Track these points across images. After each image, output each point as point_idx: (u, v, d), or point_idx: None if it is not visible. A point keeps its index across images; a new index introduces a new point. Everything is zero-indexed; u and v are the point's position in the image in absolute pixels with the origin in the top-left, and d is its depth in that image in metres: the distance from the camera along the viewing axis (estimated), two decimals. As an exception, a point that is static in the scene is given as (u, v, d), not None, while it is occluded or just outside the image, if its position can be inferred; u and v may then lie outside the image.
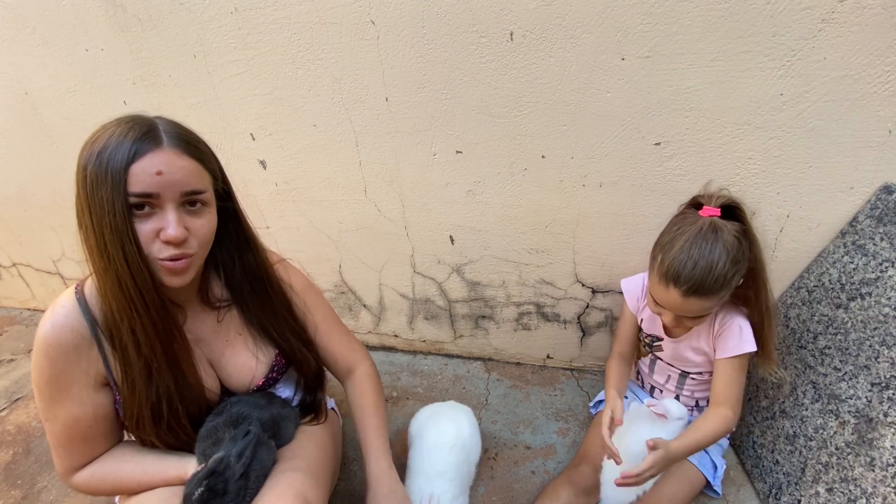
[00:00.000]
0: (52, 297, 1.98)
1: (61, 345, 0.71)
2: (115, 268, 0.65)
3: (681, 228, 0.86)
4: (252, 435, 0.75)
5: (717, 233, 0.83)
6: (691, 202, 0.93)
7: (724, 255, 0.82)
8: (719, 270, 0.82)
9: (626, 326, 1.12)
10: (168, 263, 0.67)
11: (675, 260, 0.83)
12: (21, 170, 1.62)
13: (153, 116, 0.70)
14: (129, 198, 0.63)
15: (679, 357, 1.04)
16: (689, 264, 0.82)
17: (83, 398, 0.74)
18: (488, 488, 1.14)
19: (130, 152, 0.63)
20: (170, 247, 0.66)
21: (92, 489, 0.78)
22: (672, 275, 0.84)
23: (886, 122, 0.89)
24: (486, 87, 1.06)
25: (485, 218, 1.26)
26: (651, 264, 0.91)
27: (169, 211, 0.66)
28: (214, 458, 0.71)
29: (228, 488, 0.70)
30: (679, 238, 0.85)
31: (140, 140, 0.64)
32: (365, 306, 1.59)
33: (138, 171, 0.63)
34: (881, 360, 0.85)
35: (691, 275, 0.82)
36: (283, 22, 1.10)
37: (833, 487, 0.88)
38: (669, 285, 0.84)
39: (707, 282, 0.82)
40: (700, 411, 1.10)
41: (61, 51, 1.30)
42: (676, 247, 0.84)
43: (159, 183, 0.64)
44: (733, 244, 0.83)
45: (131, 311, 0.68)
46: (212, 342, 0.84)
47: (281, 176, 1.35)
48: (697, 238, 0.83)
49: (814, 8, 0.82)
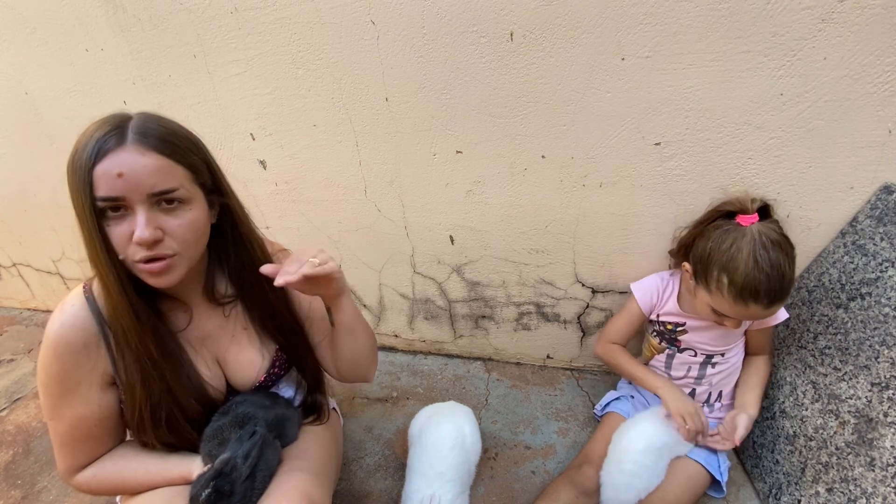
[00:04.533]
0: (53, 297, 2.00)
1: (70, 343, 0.71)
2: (98, 270, 0.66)
3: (735, 244, 0.87)
4: (258, 436, 0.76)
5: (770, 239, 0.86)
6: (720, 212, 0.94)
7: (785, 256, 0.85)
8: (789, 273, 0.85)
9: (628, 323, 1.13)
10: (144, 266, 0.66)
11: (749, 277, 0.84)
12: (21, 170, 1.62)
13: (135, 113, 0.68)
14: (96, 203, 0.61)
15: (710, 336, 1.03)
16: (762, 278, 0.84)
17: (90, 397, 0.74)
18: (488, 488, 1.14)
19: (92, 154, 0.61)
20: (143, 248, 0.64)
21: (94, 489, 0.78)
22: (751, 293, 0.85)
23: (886, 122, 0.89)
24: (486, 87, 1.06)
25: (485, 218, 1.26)
26: (709, 285, 0.91)
27: (139, 213, 0.63)
28: (221, 458, 0.71)
29: (235, 489, 0.70)
30: (738, 255, 0.86)
31: (102, 140, 0.62)
32: (365, 306, 1.59)
33: (101, 173, 0.61)
34: (881, 360, 0.85)
35: (769, 287, 0.84)
36: (283, 22, 1.10)
37: (833, 487, 0.88)
38: (749, 303, 0.86)
39: (784, 288, 0.85)
40: (710, 407, 1.10)
41: (61, 51, 1.30)
42: (741, 264, 0.85)
43: (123, 185, 0.62)
44: (785, 243, 0.87)
45: (118, 311, 0.68)
46: (218, 339, 0.84)
47: (281, 176, 1.35)
48: (757, 249, 0.85)
49: (814, 8, 0.82)
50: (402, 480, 1.07)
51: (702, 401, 1.10)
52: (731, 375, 1.08)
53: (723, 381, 1.08)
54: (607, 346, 1.16)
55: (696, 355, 1.06)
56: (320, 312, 0.94)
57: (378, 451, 1.26)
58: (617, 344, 1.15)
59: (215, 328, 0.83)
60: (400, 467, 1.20)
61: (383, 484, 1.16)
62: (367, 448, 1.27)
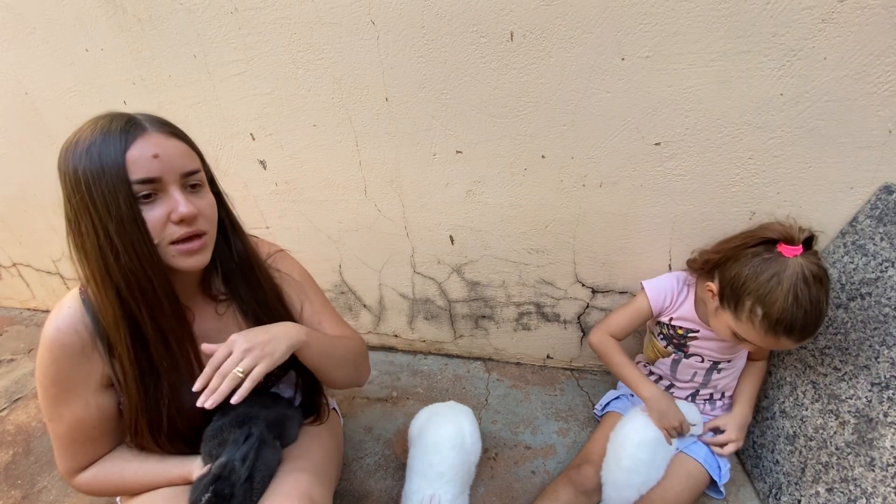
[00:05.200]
0: (52, 297, 2.00)
1: (66, 346, 0.71)
2: (124, 264, 0.64)
3: (776, 277, 0.83)
4: (254, 437, 0.75)
5: (812, 274, 0.82)
6: (762, 238, 0.89)
7: (824, 293, 0.83)
8: (825, 308, 0.83)
9: (633, 318, 1.09)
10: (184, 246, 0.67)
11: (786, 313, 0.81)
12: (21, 170, 1.62)
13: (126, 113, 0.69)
14: (132, 186, 0.62)
15: (721, 345, 1.02)
16: (799, 314, 0.81)
17: (87, 399, 0.74)
18: (488, 488, 1.14)
19: (122, 141, 0.62)
20: (183, 226, 0.66)
21: (95, 490, 0.78)
22: (785, 328, 0.82)
23: (886, 122, 0.89)
24: (486, 87, 1.06)
25: (485, 218, 1.26)
26: (739, 313, 0.87)
27: (174, 192, 0.66)
28: (218, 462, 0.71)
29: (235, 492, 0.70)
30: (777, 288, 0.82)
31: (126, 129, 0.64)
32: (365, 306, 1.59)
33: (135, 156, 0.62)
34: (881, 360, 0.85)
35: (805, 324, 0.82)
36: (283, 22, 1.10)
37: (833, 487, 0.89)
38: (780, 337, 0.84)
39: (819, 322, 0.83)
40: (712, 405, 1.10)
41: (61, 51, 1.30)
42: (780, 299, 0.82)
43: (159, 166, 0.64)
44: (825, 278, 0.84)
45: (139, 309, 0.67)
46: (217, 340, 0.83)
47: (281, 176, 1.35)
48: (798, 284, 0.81)
49: (814, 8, 0.82)
50: (402, 480, 1.07)
51: (704, 399, 1.09)
52: (734, 378, 1.08)
53: (728, 384, 1.08)
54: (604, 337, 1.11)
55: (702, 361, 1.05)
56: (313, 319, 0.94)
57: (378, 451, 1.26)
58: (614, 337, 1.11)
59: (213, 329, 0.83)
60: (400, 467, 1.20)
61: (383, 484, 1.17)
62: (367, 448, 1.27)
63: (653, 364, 1.15)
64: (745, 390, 1.07)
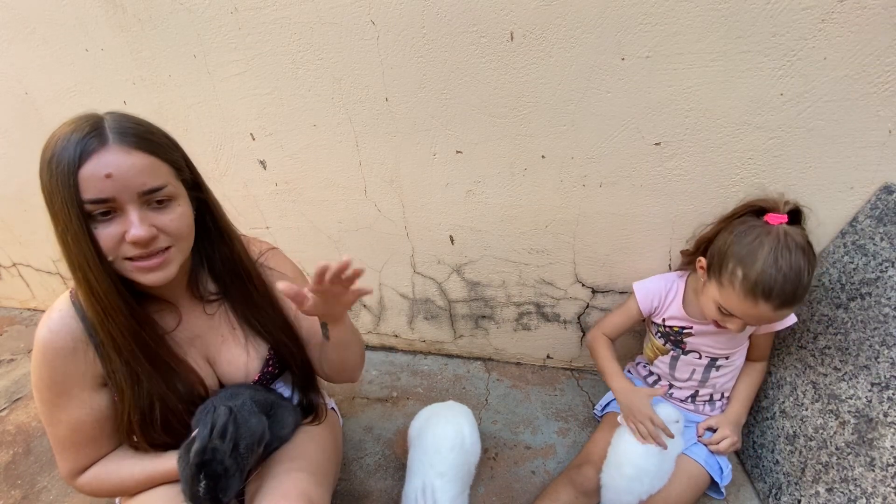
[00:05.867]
0: (52, 297, 1.99)
1: (58, 349, 0.71)
2: (83, 275, 0.63)
3: (758, 240, 0.84)
4: (224, 410, 0.72)
5: (795, 241, 0.83)
6: (750, 208, 0.92)
7: (806, 262, 0.82)
8: (806, 279, 0.82)
9: (625, 320, 1.13)
10: (138, 264, 0.65)
11: (765, 274, 0.81)
12: (21, 170, 1.62)
13: (105, 112, 0.67)
14: (84, 206, 0.60)
15: (717, 340, 1.02)
16: (779, 279, 0.81)
17: (84, 400, 0.74)
18: (488, 488, 1.14)
19: (75, 156, 0.59)
20: (138, 247, 0.64)
21: (96, 490, 0.78)
22: (763, 291, 0.82)
23: (886, 122, 0.89)
24: (486, 87, 1.06)
25: (485, 218, 1.26)
26: (722, 278, 0.88)
27: (130, 212, 0.63)
28: (195, 450, 0.69)
29: (227, 465, 0.69)
30: (759, 250, 0.83)
31: (83, 141, 0.60)
32: (365, 306, 1.59)
33: (87, 175, 0.60)
34: (881, 360, 0.85)
35: (783, 289, 0.81)
36: (283, 22, 1.10)
37: (833, 487, 0.89)
38: (759, 301, 0.83)
39: (798, 293, 0.82)
40: (712, 406, 1.10)
41: (61, 51, 1.30)
42: (760, 260, 0.82)
43: (112, 186, 0.61)
44: (808, 249, 0.84)
45: (105, 316, 0.67)
46: (207, 338, 0.83)
47: (281, 176, 1.35)
48: (779, 248, 0.82)
49: (814, 8, 0.82)
50: (402, 480, 1.07)
51: (704, 400, 1.09)
52: (733, 378, 1.08)
53: (726, 383, 1.08)
54: (597, 335, 1.15)
55: (700, 357, 1.05)
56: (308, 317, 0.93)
57: (378, 451, 1.26)
58: (607, 337, 1.14)
59: (204, 328, 0.83)
60: (400, 467, 1.20)
61: (383, 484, 1.17)
62: (367, 448, 1.27)
63: (652, 363, 1.15)
64: (740, 390, 1.07)
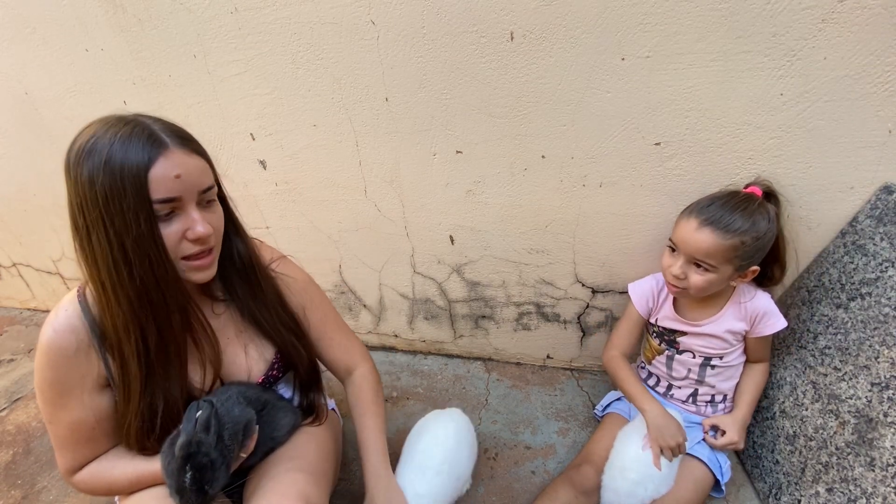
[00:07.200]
0: (52, 297, 2.00)
1: (63, 348, 0.71)
2: (138, 277, 0.64)
3: (720, 191, 0.98)
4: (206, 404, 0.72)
5: (749, 200, 0.91)
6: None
7: (746, 215, 0.89)
8: (738, 221, 0.89)
9: (630, 327, 1.13)
10: (195, 262, 0.69)
11: (702, 200, 0.96)
12: (21, 170, 1.62)
13: (137, 115, 0.68)
14: (153, 206, 0.63)
15: (705, 340, 1.03)
16: (713, 206, 0.92)
17: (85, 401, 0.74)
18: (488, 488, 1.14)
19: (145, 159, 0.62)
20: (198, 244, 0.68)
21: (91, 488, 0.78)
22: (695, 208, 0.95)
23: (886, 122, 0.89)
24: (486, 87, 1.06)
25: (485, 218, 1.26)
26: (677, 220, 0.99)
27: (192, 210, 0.67)
28: (179, 444, 0.69)
29: (213, 458, 0.69)
30: (714, 195, 0.97)
31: (148, 145, 0.63)
32: (365, 306, 1.59)
33: (158, 176, 0.62)
34: (881, 360, 0.85)
35: (709, 209, 0.92)
36: (283, 22, 1.10)
37: (833, 487, 0.89)
38: (691, 217, 0.93)
39: (724, 220, 0.89)
40: (714, 407, 1.10)
41: (61, 51, 1.30)
42: (707, 197, 0.97)
43: (180, 186, 0.65)
44: (760, 214, 0.90)
45: (147, 319, 0.68)
46: None
47: (281, 176, 1.35)
48: (730, 197, 0.93)
49: (814, 8, 0.82)
50: (402, 480, 1.06)
51: (705, 401, 1.09)
52: (732, 378, 1.08)
53: (725, 383, 1.08)
54: (611, 356, 1.12)
55: (694, 357, 1.06)
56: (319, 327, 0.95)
57: (378, 451, 1.26)
58: (620, 353, 1.12)
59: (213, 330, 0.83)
60: (400, 467, 1.19)
61: (383, 484, 1.16)
62: (367, 448, 1.27)
63: (650, 363, 1.15)
64: (745, 392, 1.07)
